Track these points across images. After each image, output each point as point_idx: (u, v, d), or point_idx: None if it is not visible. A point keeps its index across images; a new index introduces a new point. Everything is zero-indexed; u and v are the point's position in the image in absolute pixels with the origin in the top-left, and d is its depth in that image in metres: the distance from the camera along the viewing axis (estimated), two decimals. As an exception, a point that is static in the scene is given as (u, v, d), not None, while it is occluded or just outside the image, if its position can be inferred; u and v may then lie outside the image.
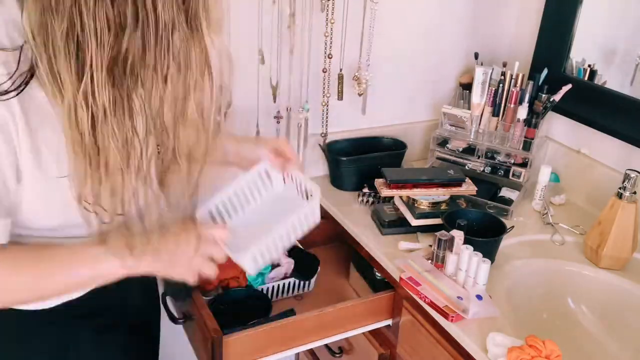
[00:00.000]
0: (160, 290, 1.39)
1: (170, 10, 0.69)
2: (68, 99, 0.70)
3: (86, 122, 0.70)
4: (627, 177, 1.20)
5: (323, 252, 1.55)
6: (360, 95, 1.51)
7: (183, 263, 0.89)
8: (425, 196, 1.35)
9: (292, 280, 1.35)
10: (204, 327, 1.13)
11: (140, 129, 0.74)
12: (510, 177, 1.49)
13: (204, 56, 0.75)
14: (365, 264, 1.39)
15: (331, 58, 1.44)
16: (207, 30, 0.75)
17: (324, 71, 1.45)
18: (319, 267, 1.40)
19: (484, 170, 1.53)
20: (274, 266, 1.36)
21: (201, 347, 1.18)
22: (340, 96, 1.48)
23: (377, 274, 1.37)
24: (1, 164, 0.73)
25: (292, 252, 1.41)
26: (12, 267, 0.80)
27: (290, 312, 1.23)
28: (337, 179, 1.56)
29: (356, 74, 1.48)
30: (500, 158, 1.52)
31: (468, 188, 1.39)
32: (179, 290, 1.30)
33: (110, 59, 0.69)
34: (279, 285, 1.34)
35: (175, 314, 1.29)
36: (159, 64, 0.71)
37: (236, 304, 1.26)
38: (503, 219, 1.28)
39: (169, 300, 1.30)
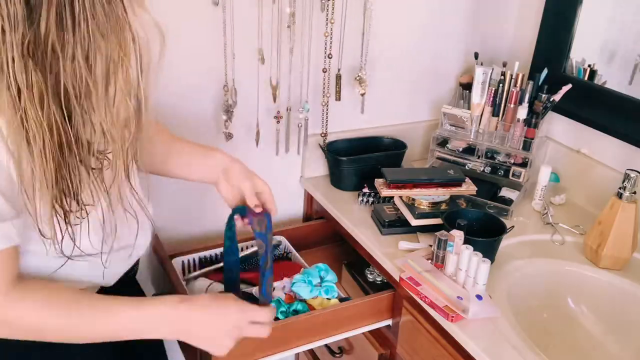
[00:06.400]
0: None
1: None
2: None
3: (9, 111, 0.68)
4: (627, 177, 1.20)
5: (321, 252, 1.55)
6: (362, 95, 1.51)
7: (217, 340, 0.90)
8: (425, 196, 1.35)
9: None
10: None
11: (66, 113, 0.71)
12: (510, 177, 1.49)
13: (127, 27, 0.72)
14: (358, 266, 1.39)
15: (331, 58, 1.44)
16: (128, 1, 0.72)
17: (324, 71, 1.45)
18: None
19: (484, 170, 1.52)
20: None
21: (193, 350, 1.17)
22: (337, 97, 1.48)
23: (368, 276, 1.37)
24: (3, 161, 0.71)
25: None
26: (68, 309, 0.80)
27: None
28: (337, 179, 1.55)
29: (359, 73, 1.48)
30: (500, 158, 1.52)
31: (468, 188, 1.39)
32: (166, 292, 1.30)
33: (28, 43, 0.66)
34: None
35: None
36: (78, 38, 0.68)
37: None
38: (503, 219, 1.28)
39: None
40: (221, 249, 1.39)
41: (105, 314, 0.83)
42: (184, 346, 1.25)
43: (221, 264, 1.40)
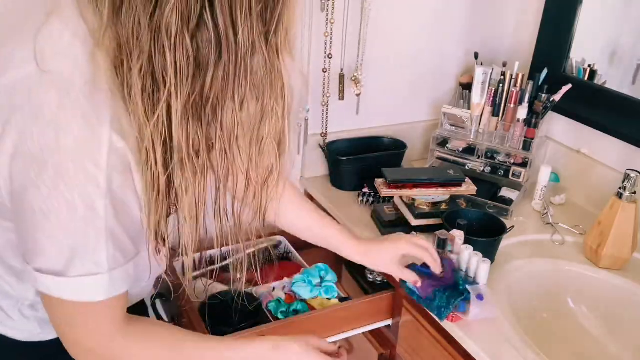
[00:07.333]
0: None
1: (251, 34, 0.65)
2: (142, 137, 0.67)
3: (161, 162, 0.68)
4: (627, 177, 1.20)
5: (321, 252, 1.54)
6: (357, 95, 1.51)
7: None
8: (425, 196, 1.35)
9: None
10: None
11: (215, 161, 0.72)
12: (510, 177, 1.49)
13: (280, 78, 0.72)
14: (359, 266, 1.39)
15: (331, 58, 1.44)
16: (282, 50, 0.71)
17: (324, 71, 1.45)
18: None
19: (484, 170, 1.52)
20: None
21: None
22: (341, 96, 1.48)
23: (369, 276, 1.37)
24: (131, 200, 0.72)
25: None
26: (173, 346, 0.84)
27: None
28: (337, 179, 1.55)
29: (355, 74, 1.48)
30: (500, 158, 1.52)
31: (468, 188, 1.39)
32: (165, 293, 1.30)
33: (191, 95, 0.66)
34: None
35: (165, 318, 1.28)
36: (237, 92, 0.68)
37: (225, 307, 1.24)
38: (503, 219, 1.28)
39: (158, 303, 1.29)
40: (221, 250, 1.39)
41: (211, 352, 0.88)
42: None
43: (221, 264, 1.39)
